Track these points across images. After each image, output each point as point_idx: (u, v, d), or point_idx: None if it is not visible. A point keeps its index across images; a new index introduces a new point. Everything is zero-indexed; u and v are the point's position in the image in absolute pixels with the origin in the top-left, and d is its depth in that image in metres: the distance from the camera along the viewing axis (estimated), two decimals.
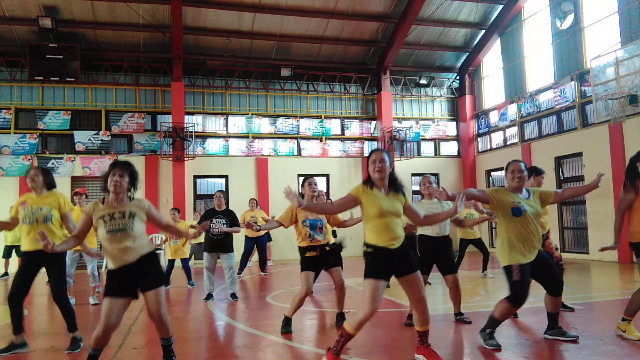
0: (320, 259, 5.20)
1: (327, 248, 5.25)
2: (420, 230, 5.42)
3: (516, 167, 4.21)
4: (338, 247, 5.48)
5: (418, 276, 3.68)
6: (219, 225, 7.22)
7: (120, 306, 3.47)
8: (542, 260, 4.20)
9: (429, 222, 4.13)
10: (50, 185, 4.69)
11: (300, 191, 5.44)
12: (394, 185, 3.78)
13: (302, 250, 5.23)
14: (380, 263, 3.62)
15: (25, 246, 4.52)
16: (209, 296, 7.45)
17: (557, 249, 5.76)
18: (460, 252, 9.33)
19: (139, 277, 3.56)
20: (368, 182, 3.76)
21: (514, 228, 4.13)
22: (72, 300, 7.30)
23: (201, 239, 12.56)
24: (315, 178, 5.41)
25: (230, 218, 7.34)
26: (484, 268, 9.32)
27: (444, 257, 5.32)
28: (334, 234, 9.19)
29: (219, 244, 7.32)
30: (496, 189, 4.31)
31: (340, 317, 5.34)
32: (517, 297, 4.10)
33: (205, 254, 7.46)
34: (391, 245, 3.62)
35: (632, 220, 4.42)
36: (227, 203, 7.57)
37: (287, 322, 5.12)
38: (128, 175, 3.64)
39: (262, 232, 10.33)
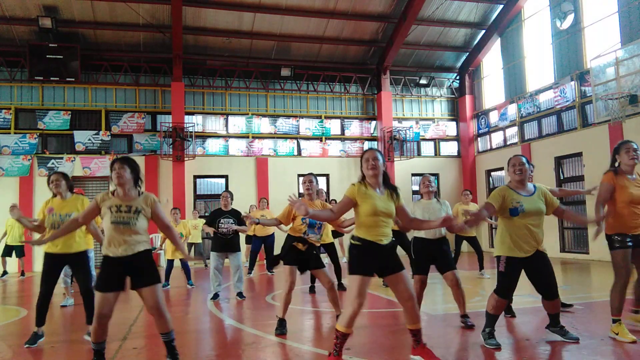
0: (305, 255, 5.12)
1: (315, 252, 5.17)
2: (416, 233, 5.37)
3: (517, 160, 4.26)
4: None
5: (404, 275, 3.67)
6: (227, 225, 7.25)
7: (110, 299, 3.65)
8: (538, 261, 4.17)
9: (416, 226, 4.04)
10: (72, 188, 5.04)
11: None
12: (388, 185, 3.80)
13: (290, 238, 5.17)
14: (366, 258, 3.64)
15: (51, 249, 4.82)
16: (216, 295, 7.47)
17: None
18: (456, 249, 9.35)
19: (132, 273, 3.72)
20: (362, 181, 3.78)
21: (512, 224, 4.17)
22: (71, 301, 7.31)
23: (198, 238, 12.70)
24: (312, 175, 5.29)
25: (238, 218, 7.38)
26: (481, 267, 9.31)
27: (441, 255, 5.27)
28: (334, 234, 9.26)
29: (228, 244, 7.36)
30: (500, 194, 4.23)
31: None
32: (500, 288, 4.23)
33: (212, 254, 7.47)
34: (379, 240, 3.66)
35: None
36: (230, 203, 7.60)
37: (280, 324, 5.04)
38: (128, 167, 3.85)
39: (271, 232, 10.68)
